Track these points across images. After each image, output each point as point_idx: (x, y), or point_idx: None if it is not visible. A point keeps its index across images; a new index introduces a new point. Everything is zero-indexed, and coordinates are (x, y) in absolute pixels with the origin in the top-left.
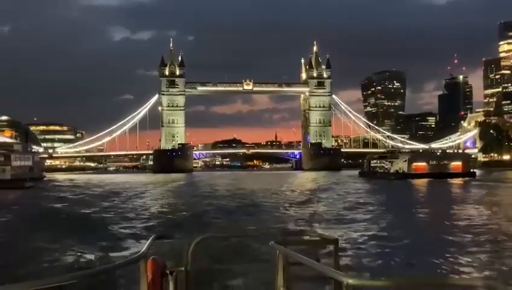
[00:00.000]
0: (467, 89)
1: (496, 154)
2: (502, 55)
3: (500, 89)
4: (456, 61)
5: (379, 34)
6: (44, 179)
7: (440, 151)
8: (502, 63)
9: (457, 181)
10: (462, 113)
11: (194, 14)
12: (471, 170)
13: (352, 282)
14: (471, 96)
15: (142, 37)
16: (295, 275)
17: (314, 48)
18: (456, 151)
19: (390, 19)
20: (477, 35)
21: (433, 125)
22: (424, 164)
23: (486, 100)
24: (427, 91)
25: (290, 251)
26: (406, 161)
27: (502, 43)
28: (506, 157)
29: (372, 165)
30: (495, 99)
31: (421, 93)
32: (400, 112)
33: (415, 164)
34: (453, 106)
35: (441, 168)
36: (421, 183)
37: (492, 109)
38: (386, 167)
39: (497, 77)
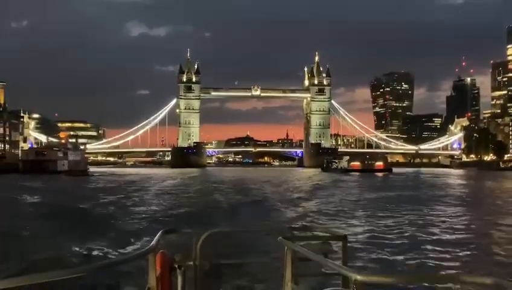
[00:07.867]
0: (475, 91)
1: (474, 156)
2: (510, 58)
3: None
4: (464, 63)
5: (393, 30)
6: (89, 170)
7: (368, 155)
8: (510, 66)
9: (379, 174)
10: (469, 114)
11: (210, 11)
12: (389, 167)
13: (360, 278)
14: (478, 98)
15: (159, 33)
16: (303, 270)
17: (316, 58)
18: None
19: (404, 15)
20: (488, 37)
21: (438, 127)
22: (358, 163)
23: (493, 102)
24: (443, 90)
25: (298, 247)
26: (347, 161)
27: (510, 46)
28: (485, 158)
29: (328, 162)
30: (501, 102)
31: (438, 92)
32: (408, 113)
33: (352, 163)
34: (460, 108)
35: (369, 166)
36: (356, 174)
37: (499, 111)
38: (336, 164)
39: (504, 79)
